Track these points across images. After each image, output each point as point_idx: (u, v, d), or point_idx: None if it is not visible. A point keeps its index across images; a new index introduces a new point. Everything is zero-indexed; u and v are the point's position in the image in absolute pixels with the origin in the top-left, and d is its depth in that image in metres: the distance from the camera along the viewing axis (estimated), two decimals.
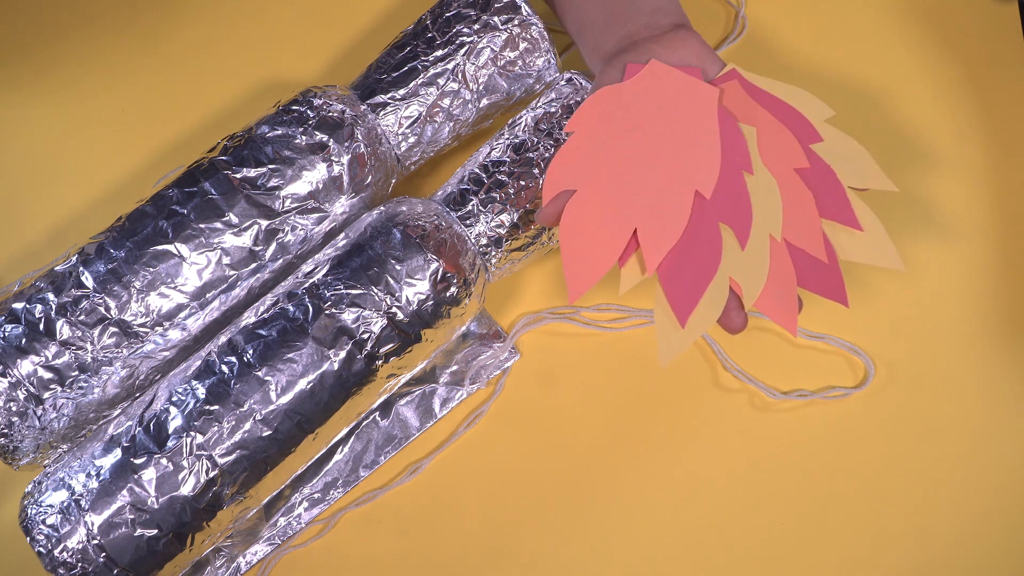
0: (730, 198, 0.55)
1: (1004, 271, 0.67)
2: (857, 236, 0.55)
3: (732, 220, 0.55)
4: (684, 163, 0.56)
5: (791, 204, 0.55)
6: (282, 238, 0.59)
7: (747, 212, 0.55)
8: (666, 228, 0.55)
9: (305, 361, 0.55)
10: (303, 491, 0.63)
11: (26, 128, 0.72)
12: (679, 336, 0.54)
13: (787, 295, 0.54)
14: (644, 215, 0.55)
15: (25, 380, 0.56)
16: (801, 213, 0.55)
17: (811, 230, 0.55)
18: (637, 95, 0.57)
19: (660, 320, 0.54)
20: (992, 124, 0.71)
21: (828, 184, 0.56)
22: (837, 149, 0.56)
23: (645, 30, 0.60)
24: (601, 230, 0.55)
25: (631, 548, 0.62)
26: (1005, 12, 0.74)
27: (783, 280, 0.55)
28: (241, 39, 0.74)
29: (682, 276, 0.54)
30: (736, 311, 0.55)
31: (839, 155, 0.56)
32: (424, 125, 0.63)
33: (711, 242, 0.55)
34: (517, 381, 0.65)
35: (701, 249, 0.54)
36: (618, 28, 0.61)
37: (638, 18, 0.60)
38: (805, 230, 0.55)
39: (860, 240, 0.55)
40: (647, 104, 0.57)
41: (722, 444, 0.64)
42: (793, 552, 0.61)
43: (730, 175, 0.56)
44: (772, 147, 0.56)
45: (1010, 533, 0.61)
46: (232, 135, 0.61)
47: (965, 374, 0.65)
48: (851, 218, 0.55)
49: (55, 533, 0.53)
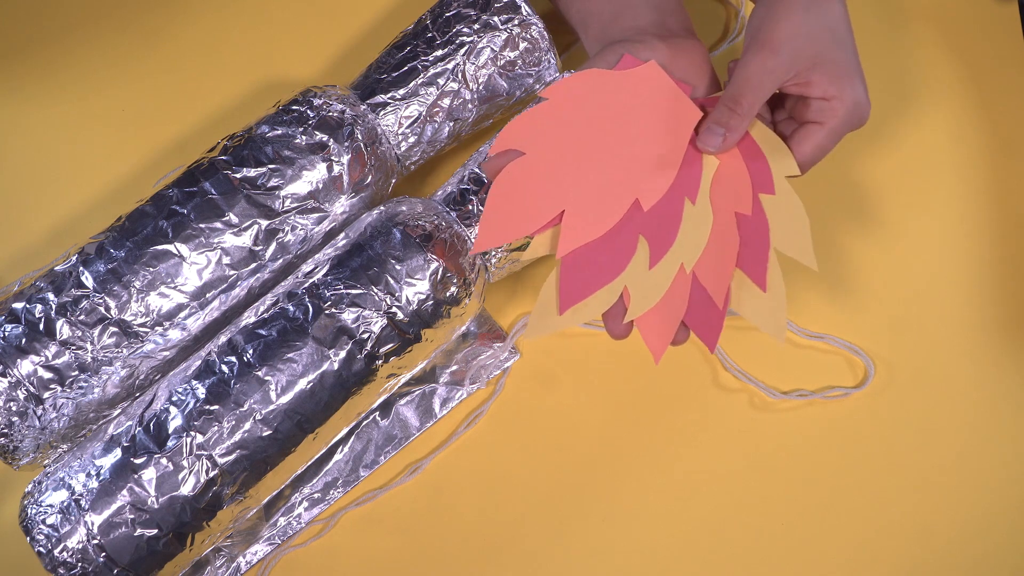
0: (661, 217, 0.55)
1: (1004, 271, 0.67)
2: (756, 294, 0.55)
3: (653, 238, 0.55)
4: (637, 169, 0.55)
5: (716, 244, 0.55)
6: (282, 238, 0.59)
7: (671, 236, 0.55)
8: (592, 222, 0.55)
9: (305, 361, 0.55)
10: (303, 491, 0.63)
11: (26, 128, 0.72)
12: (552, 319, 0.54)
13: (668, 324, 0.55)
14: (577, 202, 0.55)
15: (25, 380, 0.56)
16: (720, 256, 0.55)
17: (721, 275, 0.55)
18: (623, 88, 0.57)
19: (542, 298, 0.55)
20: (992, 124, 0.71)
21: (757, 237, 0.55)
22: (782, 208, 0.56)
23: (653, 28, 0.59)
24: (531, 199, 0.55)
25: (631, 547, 0.62)
26: (1005, 12, 0.74)
27: (671, 309, 0.55)
28: (241, 39, 0.74)
29: (582, 268, 0.54)
30: (619, 318, 0.55)
31: (782, 214, 0.56)
32: (424, 125, 0.63)
33: (624, 249, 0.55)
34: (517, 381, 0.65)
35: (612, 253, 0.55)
36: (626, 22, 0.60)
37: (647, 15, 0.60)
38: (716, 273, 0.55)
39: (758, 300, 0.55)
40: (630, 100, 0.56)
41: (722, 444, 0.64)
42: (793, 552, 0.61)
43: (673, 197, 0.55)
44: (725, 183, 0.56)
45: (1010, 532, 0.61)
46: (232, 135, 0.61)
47: (965, 374, 0.65)
48: (761, 277, 0.55)
49: (55, 533, 0.53)
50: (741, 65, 0.55)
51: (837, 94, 0.55)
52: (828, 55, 0.55)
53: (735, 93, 0.54)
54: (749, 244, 0.55)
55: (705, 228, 0.55)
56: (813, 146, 0.56)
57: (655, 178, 0.55)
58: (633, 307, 0.54)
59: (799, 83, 0.55)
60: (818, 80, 0.55)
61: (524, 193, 0.55)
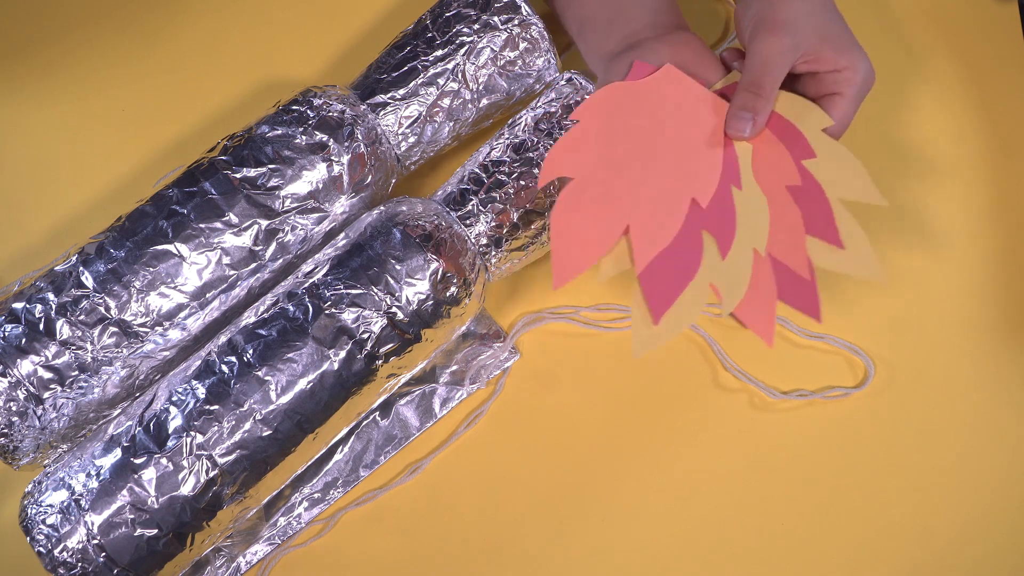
0: (717, 209, 0.56)
1: (1004, 271, 0.67)
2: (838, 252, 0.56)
3: (716, 230, 0.55)
4: (684, 170, 0.56)
5: (779, 221, 0.56)
6: (282, 238, 0.59)
7: (731, 224, 0.56)
8: (659, 230, 0.55)
9: (305, 361, 0.55)
10: (303, 491, 0.63)
11: (26, 128, 0.72)
12: (653, 332, 0.54)
13: (766, 307, 0.55)
14: (639, 214, 0.55)
15: (25, 380, 0.56)
16: (788, 230, 0.56)
17: (796, 247, 0.56)
18: (649, 96, 0.57)
19: (636, 315, 0.55)
20: (992, 124, 0.71)
21: (816, 202, 0.56)
22: (830, 163, 0.56)
23: (648, 30, 0.60)
24: (593, 222, 0.55)
25: (631, 547, 0.62)
26: (1005, 12, 0.74)
27: (763, 292, 0.55)
28: (241, 39, 0.74)
29: (661, 277, 0.55)
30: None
31: (831, 169, 0.56)
32: (424, 125, 0.63)
33: (693, 248, 0.55)
34: (517, 381, 0.65)
35: (683, 254, 0.55)
36: (621, 27, 0.61)
37: (641, 18, 0.61)
38: (790, 247, 0.56)
39: (842, 254, 0.56)
40: (658, 106, 0.57)
41: (722, 444, 0.64)
42: (793, 551, 0.61)
43: (721, 188, 0.56)
44: (766, 164, 0.57)
45: (1010, 532, 0.61)
46: (232, 135, 0.61)
47: (965, 374, 0.65)
48: (834, 236, 0.55)
49: (55, 533, 0.53)
50: (754, 50, 0.56)
51: (848, 64, 0.56)
52: (830, 29, 0.57)
53: (755, 77, 0.56)
54: (811, 210, 0.56)
55: (763, 210, 0.56)
56: (839, 115, 0.57)
57: (703, 173, 0.56)
58: (727, 300, 0.55)
59: (809, 60, 0.56)
60: (827, 54, 0.56)
61: (584, 217, 0.55)
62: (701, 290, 0.55)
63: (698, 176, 0.56)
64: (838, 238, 0.55)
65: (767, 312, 0.55)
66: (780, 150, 0.57)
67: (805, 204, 0.56)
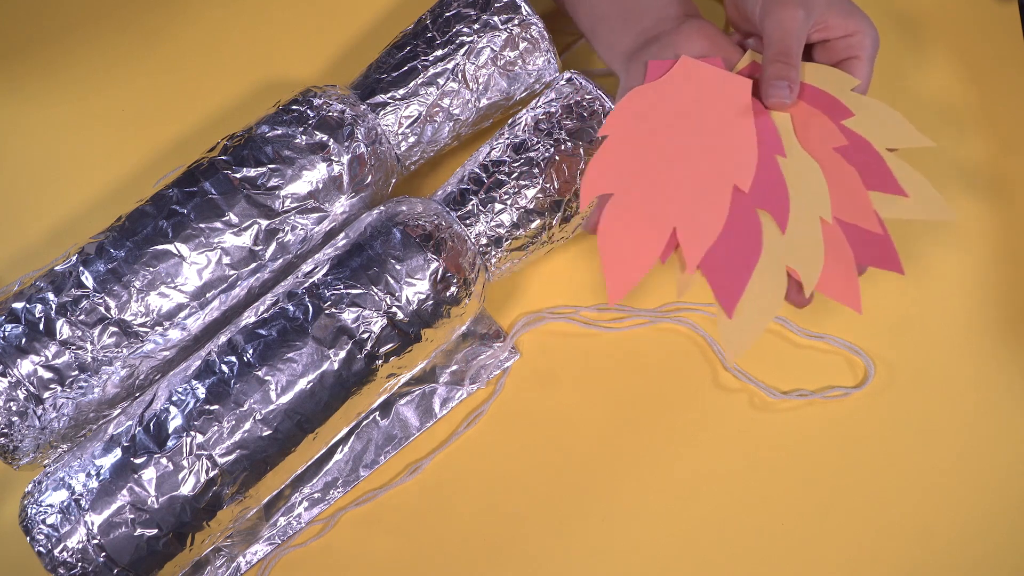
0: (765, 184, 0.56)
1: (1004, 271, 0.67)
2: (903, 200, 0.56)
3: (769, 205, 0.55)
4: (720, 158, 0.56)
5: (837, 183, 0.56)
6: (282, 238, 0.59)
7: (784, 196, 0.55)
8: (705, 226, 0.55)
9: (305, 361, 0.55)
10: (303, 491, 0.63)
11: (26, 128, 0.72)
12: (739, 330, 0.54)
13: (847, 274, 0.55)
14: (683, 214, 0.55)
15: (25, 380, 0.56)
16: (848, 190, 0.56)
17: (861, 205, 0.55)
18: (669, 92, 0.57)
19: (721, 316, 0.54)
20: (992, 124, 0.71)
21: (868, 157, 0.56)
22: (869, 118, 0.57)
23: (659, 24, 0.60)
24: (640, 231, 0.55)
25: (631, 547, 0.62)
26: (1005, 12, 0.74)
27: (841, 260, 0.55)
28: (241, 39, 0.74)
29: (724, 268, 0.54)
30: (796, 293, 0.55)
31: (872, 123, 0.57)
32: (424, 125, 0.63)
33: (750, 230, 0.55)
34: (517, 381, 0.65)
35: (740, 239, 0.55)
36: (633, 24, 0.61)
37: (652, 12, 0.61)
38: (855, 206, 0.55)
39: (907, 201, 0.56)
40: (680, 101, 0.57)
41: (722, 444, 0.64)
42: (793, 551, 0.61)
43: (764, 161, 0.56)
44: (808, 131, 0.57)
45: (1010, 532, 0.61)
46: (232, 135, 0.61)
47: (965, 374, 0.65)
48: (895, 186, 0.55)
49: (55, 533, 0.53)
50: (772, 23, 0.57)
51: (857, 27, 0.57)
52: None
53: (781, 47, 0.56)
54: (865, 166, 0.56)
55: (818, 176, 0.56)
56: (861, 76, 0.58)
57: (741, 158, 0.56)
58: (806, 278, 0.54)
59: (820, 28, 0.57)
60: (835, 21, 0.57)
61: (630, 229, 0.55)
62: (776, 274, 0.54)
63: (733, 161, 0.56)
64: (899, 187, 0.55)
65: (850, 280, 0.55)
66: (818, 115, 0.57)
67: (857, 161, 0.56)
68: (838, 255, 0.55)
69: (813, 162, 0.56)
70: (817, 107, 0.57)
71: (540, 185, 0.60)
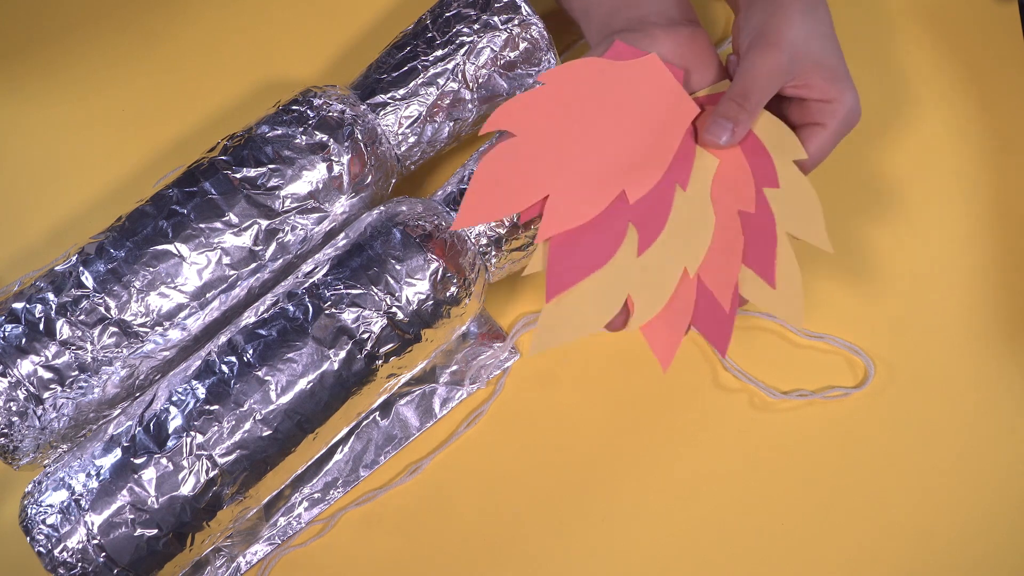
0: (651, 205, 0.54)
1: (1004, 271, 0.67)
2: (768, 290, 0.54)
3: (642, 225, 0.54)
4: (626, 160, 0.55)
5: (720, 246, 0.54)
6: (282, 238, 0.59)
7: (660, 225, 0.54)
8: (576, 209, 0.54)
9: (305, 361, 0.55)
10: (303, 491, 0.63)
11: (26, 128, 0.72)
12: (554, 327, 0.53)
13: (675, 329, 0.54)
14: (562, 187, 0.54)
15: (25, 380, 0.56)
16: (725, 257, 0.54)
17: (728, 276, 0.54)
18: (621, 78, 0.56)
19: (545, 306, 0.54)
20: (992, 124, 0.71)
21: (763, 233, 0.55)
22: (790, 197, 0.55)
23: (656, 17, 0.59)
24: (517, 181, 0.54)
25: (631, 548, 0.62)
26: (1005, 12, 0.74)
27: (677, 314, 0.54)
28: (241, 39, 0.74)
29: (570, 255, 0.53)
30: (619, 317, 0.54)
31: (790, 204, 0.55)
32: (424, 125, 0.63)
33: (612, 237, 0.54)
34: (517, 381, 0.65)
35: (600, 239, 0.54)
36: (629, 10, 0.60)
37: (650, 4, 0.60)
38: (722, 274, 0.54)
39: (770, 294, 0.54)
40: (626, 91, 0.56)
41: (722, 444, 0.64)
42: (793, 552, 0.61)
43: (663, 185, 0.55)
44: (727, 183, 0.55)
45: (1010, 533, 0.61)
46: (232, 135, 0.61)
47: (965, 374, 0.65)
48: (770, 274, 0.54)
49: (55, 533, 0.53)
50: (748, 63, 0.55)
51: (837, 96, 0.55)
52: (825, 59, 0.55)
53: (743, 89, 0.54)
54: (755, 241, 0.54)
55: (708, 229, 0.54)
56: (817, 147, 0.56)
57: (644, 171, 0.55)
58: (639, 313, 0.53)
59: (798, 85, 0.55)
60: (817, 82, 0.55)
61: (510, 174, 0.54)
62: (613, 295, 0.53)
63: (639, 170, 0.55)
64: (773, 277, 0.54)
65: (673, 336, 0.54)
66: (745, 172, 0.55)
67: (751, 234, 0.55)
68: (677, 309, 0.54)
69: (710, 214, 0.55)
70: (750, 162, 0.55)
71: None
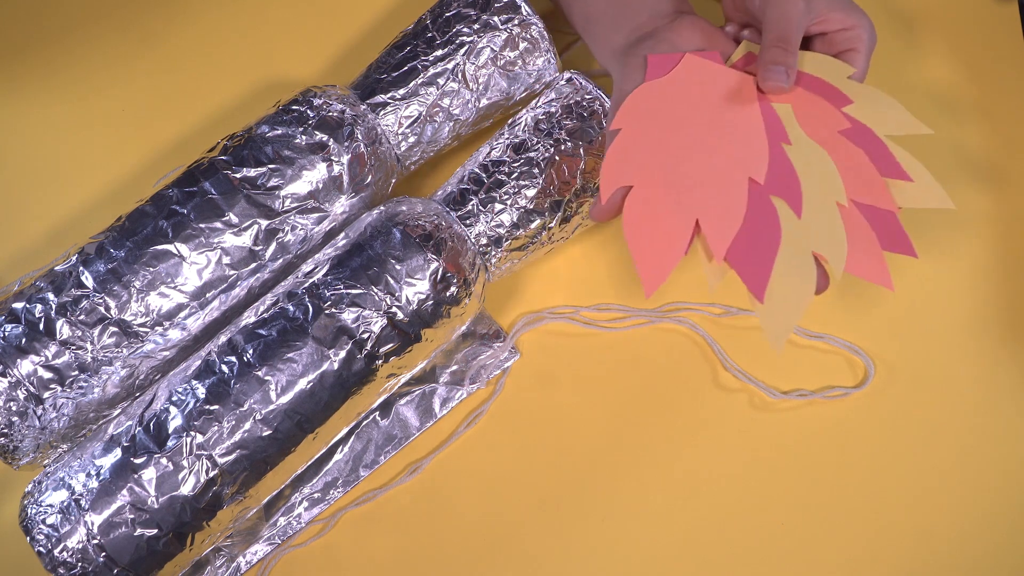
0: (776, 172, 0.56)
1: (1004, 271, 0.67)
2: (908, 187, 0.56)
3: (782, 192, 0.55)
4: (733, 151, 0.56)
5: (847, 166, 0.56)
6: (282, 238, 0.59)
7: (795, 182, 0.56)
8: (727, 215, 0.55)
9: (305, 361, 0.55)
10: (303, 491, 0.63)
11: (26, 128, 0.72)
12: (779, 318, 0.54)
13: (873, 253, 0.55)
14: (703, 205, 0.55)
15: (25, 380, 0.56)
16: (859, 171, 0.56)
17: (874, 185, 0.56)
18: (676, 88, 0.58)
19: (759, 311, 0.54)
20: (992, 124, 0.71)
21: (870, 142, 0.57)
22: (868, 105, 0.57)
23: (652, 20, 0.61)
24: (664, 223, 0.55)
25: (631, 547, 0.62)
26: (1005, 12, 0.74)
27: (865, 239, 0.55)
28: (241, 39, 0.74)
29: (748, 255, 0.54)
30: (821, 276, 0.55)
31: (871, 110, 0.57)
32: (424, 125, 0.63)
33: (768, 218, 0.55)
34: (517, 381, 0.65)
35: (759, 226, 0.55)
36: (627, 21, 0.61)
37: (644, 9, 0.61)
38: (868, 186, 0.56)
39: (912, 187, 0.56)
40: (687, 96, 0.57)
41: (722, 444, 0.64)
42: (793, 551, 0.61)
43: (774, 152, 0.56)
44: (810, 118, 0.57)
45: (1010, 533, 0.61)
46: (232, 135, 0.61)
47: (965, 374, 0.65)
48: (899, 170, 0.56)
49: (55, 533, 0.53)
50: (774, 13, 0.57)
51: (855, 22, 0.58)
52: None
53: (780, 34, 0.57)
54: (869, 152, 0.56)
55: (826, 162, 0.56)
56: (858, 68, 0.59)
57: (753, 150, 0.56)
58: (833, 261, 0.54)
59: (819, 21, 0.58)
60: (835, 16, 0.58)
61: (655, 220, 0.55)
62: (803, 260, 0.54)
63: (748, 151, 0.56)
64: (903, 172, 0.56)
65: (877, 258, 0.55)
66: (819, 101, 0.58)
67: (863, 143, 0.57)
68: (861, 235, 0.55)
69: (819, 148, 0.56)
70: (816, 94, 0.58)
71: (540, 185, 0.60)
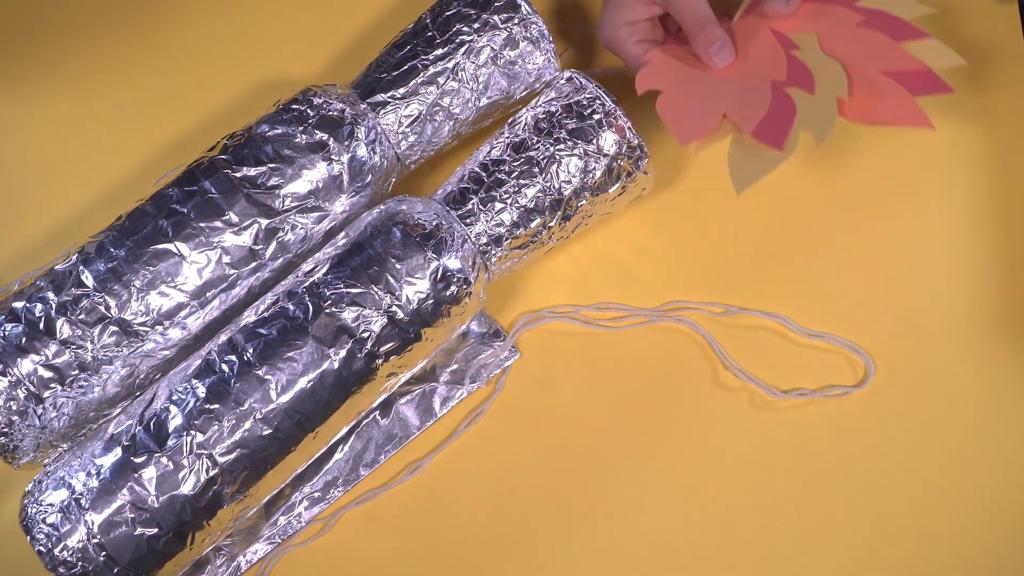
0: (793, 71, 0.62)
1: (1004, 270, 0.67)
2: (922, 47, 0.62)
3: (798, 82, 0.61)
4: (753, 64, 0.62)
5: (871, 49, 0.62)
6: (282, 237, 0.59)
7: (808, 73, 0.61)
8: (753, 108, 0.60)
9: (305, 360, 0.55)
10: (303, 490, 0.63)
11: (26, 128, 0.72)
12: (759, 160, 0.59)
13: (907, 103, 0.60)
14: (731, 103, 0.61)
15: (25, 379, 0.56)
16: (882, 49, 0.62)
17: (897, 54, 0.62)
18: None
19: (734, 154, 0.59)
20: (992, 124, 0.71)
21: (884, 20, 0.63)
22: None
23: None
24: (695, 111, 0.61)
25: (631, 547, 0.62)
26: (1005, 12, 0.74)
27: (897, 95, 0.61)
28: (241, 39, 0.74)
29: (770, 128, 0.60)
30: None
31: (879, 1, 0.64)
32: (424, 124, 0.63)
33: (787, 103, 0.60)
34: (517, 380, 0.65)
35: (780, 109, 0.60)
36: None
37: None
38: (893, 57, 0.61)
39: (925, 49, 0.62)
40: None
41: (722, 443, 0.64)
42: (793, 551, 0.61)
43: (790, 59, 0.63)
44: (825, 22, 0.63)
45: (1010, 532, 0.61)
46: (232, 134, 0.61)
47: (965, 373, 0.65)
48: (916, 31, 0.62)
49: (55, 532, 0.53)
50: None
51: None
52: None
53: None
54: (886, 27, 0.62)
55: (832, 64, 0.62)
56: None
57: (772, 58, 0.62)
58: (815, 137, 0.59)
59: None
60: None
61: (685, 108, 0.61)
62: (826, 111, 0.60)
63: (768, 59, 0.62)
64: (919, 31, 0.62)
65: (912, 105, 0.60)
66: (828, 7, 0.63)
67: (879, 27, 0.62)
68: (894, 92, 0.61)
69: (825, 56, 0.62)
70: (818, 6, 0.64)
71: (540, 184, 0.60)
